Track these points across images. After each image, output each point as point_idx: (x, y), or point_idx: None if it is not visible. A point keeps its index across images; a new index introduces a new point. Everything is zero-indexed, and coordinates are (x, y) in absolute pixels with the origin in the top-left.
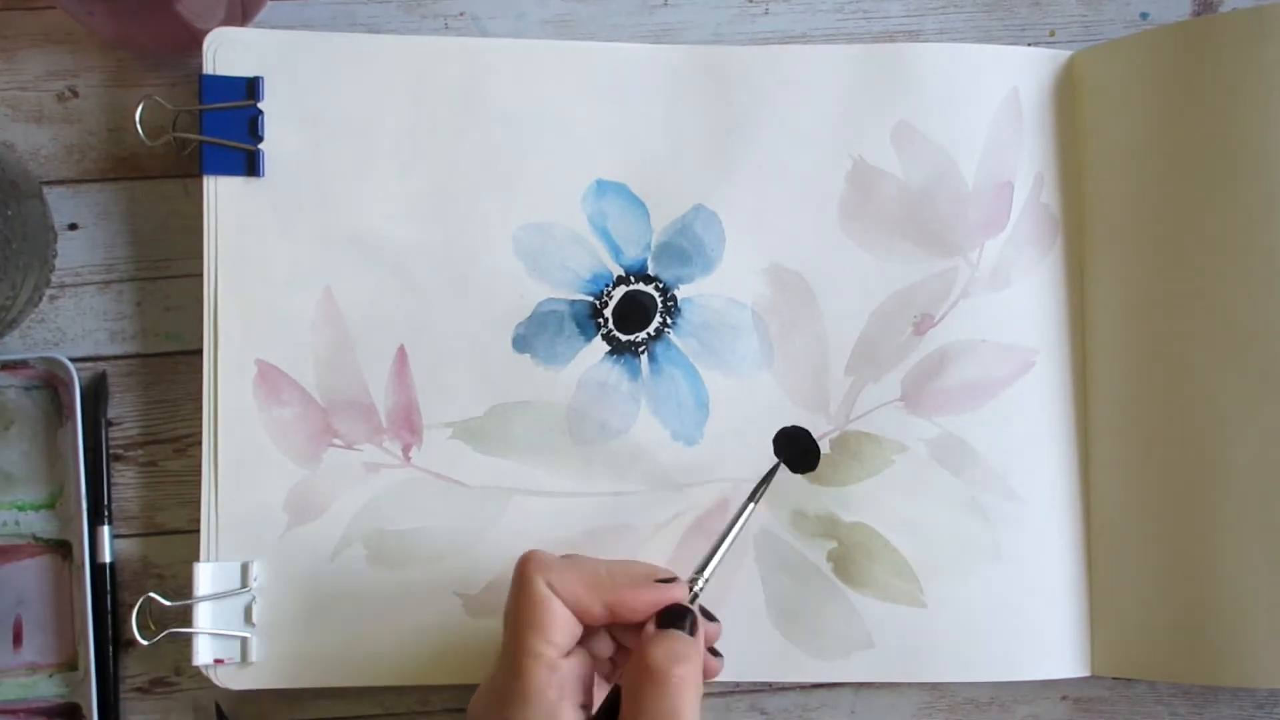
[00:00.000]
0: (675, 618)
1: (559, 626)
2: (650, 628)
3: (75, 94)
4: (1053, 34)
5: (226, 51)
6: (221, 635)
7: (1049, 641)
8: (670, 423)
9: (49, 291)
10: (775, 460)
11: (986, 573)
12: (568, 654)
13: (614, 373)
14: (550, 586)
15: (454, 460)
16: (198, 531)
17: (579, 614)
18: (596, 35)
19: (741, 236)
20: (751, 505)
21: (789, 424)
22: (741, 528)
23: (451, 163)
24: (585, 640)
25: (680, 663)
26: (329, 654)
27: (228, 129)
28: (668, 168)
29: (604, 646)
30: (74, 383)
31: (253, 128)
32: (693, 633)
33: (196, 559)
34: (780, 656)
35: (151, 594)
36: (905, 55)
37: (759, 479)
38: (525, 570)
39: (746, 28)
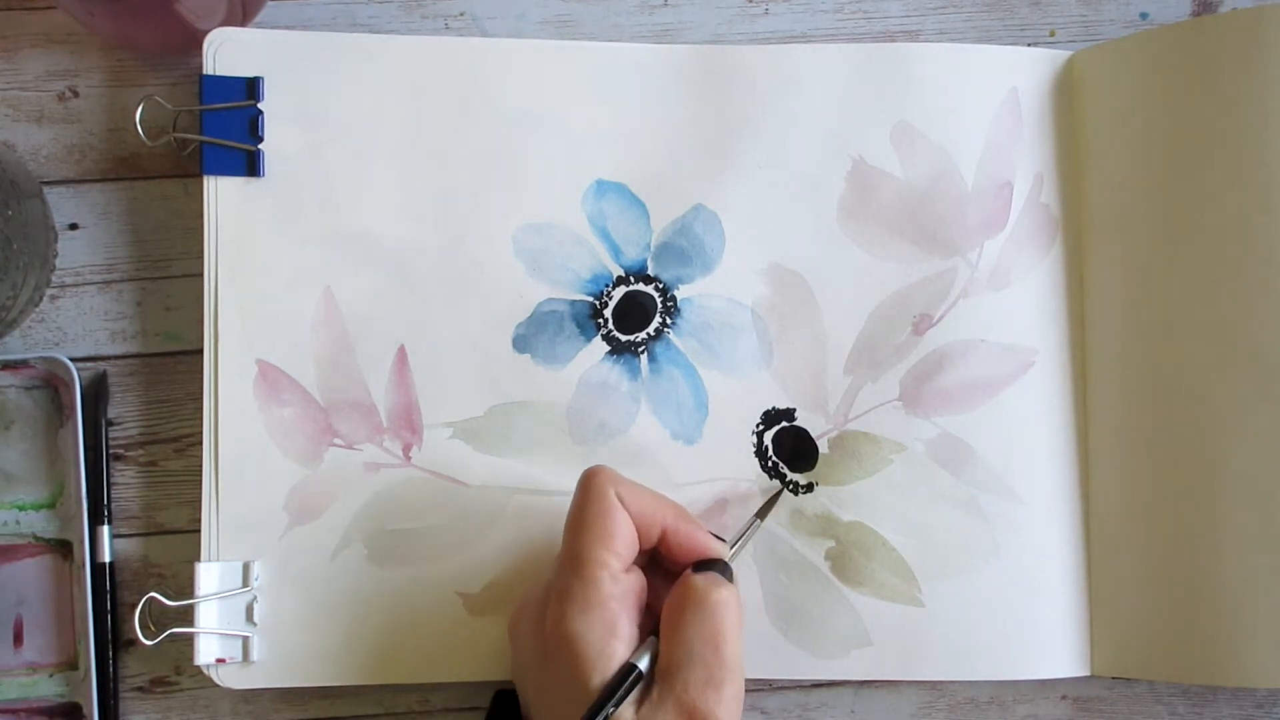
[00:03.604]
0: (711, 566)
1: (624, 539)
2: (688, 571)
3: (75, 94)
4: (1053, 34)
5: (227, 51)
6: (223, 635)
7: (1048, 641)
8: (670, 422)
9: (49, 291)
10: (775, 486)
11: (985, 572)
12: (628, 569)
13: (614, 373)
14: (620, 499)
15: (454, 460)
16: (198, 531)
17: (640, 532)
18: (596, 35)
19: (741, 236)
20: (757, 522)
21: (787, 424)
22: (745, 544)
23: (451, 163)
24: None
25: (720, 588)
26: (329, 653)
27: (228, 129)
28: (667, 168)
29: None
30: (74, 382)
31: (253, 128)
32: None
33: (197, 559)
34: (779, 655)
35: (153, 594)
36: (905, 55)
37: (764, 497)
38: (597, 480)
39: (746, 28)
